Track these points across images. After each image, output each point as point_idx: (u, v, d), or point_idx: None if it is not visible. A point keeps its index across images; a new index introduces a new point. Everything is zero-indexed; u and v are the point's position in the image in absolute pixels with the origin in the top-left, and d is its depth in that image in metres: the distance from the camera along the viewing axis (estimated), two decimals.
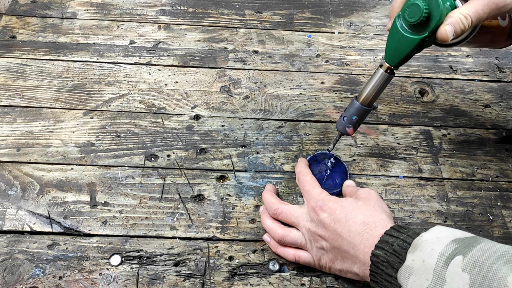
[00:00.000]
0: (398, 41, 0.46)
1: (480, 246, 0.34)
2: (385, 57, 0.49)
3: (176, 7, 0.82)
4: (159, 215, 0.53)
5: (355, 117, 0.53)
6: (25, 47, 0.72)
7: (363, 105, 0.52)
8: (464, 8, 0.42)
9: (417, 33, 0.44)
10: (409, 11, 0.43)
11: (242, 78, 0.70)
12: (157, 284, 0.48)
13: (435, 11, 0.42)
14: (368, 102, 0.52)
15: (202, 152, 0.60)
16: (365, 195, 0.48)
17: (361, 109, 0.52)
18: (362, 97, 0.52)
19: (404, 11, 0.44)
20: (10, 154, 0.58)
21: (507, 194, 0.57)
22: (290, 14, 0.82)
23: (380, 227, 0.42)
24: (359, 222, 0.43)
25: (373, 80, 0.51)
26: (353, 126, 0.53)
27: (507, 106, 0.68)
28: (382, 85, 0.51)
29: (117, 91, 0.67)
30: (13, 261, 0.48)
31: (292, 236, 0.48)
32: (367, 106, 0.52)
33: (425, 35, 0.44)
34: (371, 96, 0.51)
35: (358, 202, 0.46)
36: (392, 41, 0.47)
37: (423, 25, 0.43)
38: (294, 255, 0.48)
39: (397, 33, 0.46)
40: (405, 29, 0.45)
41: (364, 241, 0.42)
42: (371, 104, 0.52)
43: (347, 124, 0.53)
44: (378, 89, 0.51)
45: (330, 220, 0.45)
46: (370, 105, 0.52)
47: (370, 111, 0.53)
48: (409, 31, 0.45)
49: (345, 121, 0.53)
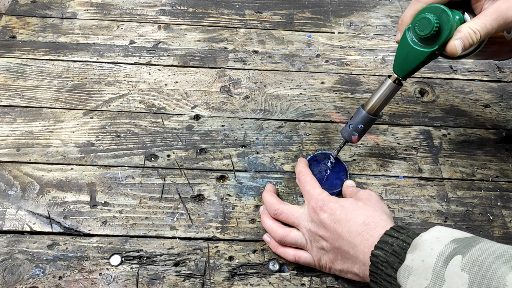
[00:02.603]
0: (408, 53, 0.46)
1: (480, 245, 0.35)
2: (394, 69, 0.49)
3: (176, 7, 0.82)
4: (159, 215, 0.53)
5: (360, 126, 0.53)
6: (25, 47, 0.72)
7: (369, 114, 0.52)
8: (473, 23, 0.43)
9: (426, 46, 0.45)
10: (419, 25, 0.44)
11: (242, 78, 0.70)
12: (157, 284, 0.48)
13: (445, 25, 0.43)
14: (375, 111, 0.52)
15: (202, 152, 0.60)
16: (365, 196, 0.48)
17: (367, 118, 0.53)
18: (369, 106, 0.52)
19: (414, 24, 0.44)
20: (10, 154, 0.58)
21: (507, 194, 0.57)
22: (290, 14, 0.82)
23: (380, 227, 0.42)
24: (359, 222, 0.43)
25: (380, 90, 0.51)
26: (359, 134, 0.54)
27: (507, 106, 0.68)
28: (389, 95, 0.51)
29: (117, 91, 0.67)
30: (13, 261, 0.48)
31: (293, 236, 0.48)
32: (373, 115, 0.52)
33: (434, 49, 0.44)
34: (378, 105, 0.52)
35: (358, 202, 0.46)
36: (402, 53, 0.47)
37: (433, 39, 0.44)
38: (294, 255, 0.48)
39: (406, 45, 0.46)
40: (415, 41, 0.45)
41: (364, 241, 0.42)
42: (378, 113, 0.53)
43: (352, 132, 0.54)
44: (385, 99, 0.51)
45: (330, 220, 0.45)
46: (376, 114, 0.53)
47: (376, 119, 0.53)
48: (419, 44, 0.45)
49: (351, 129, 0.54)
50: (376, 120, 0.53)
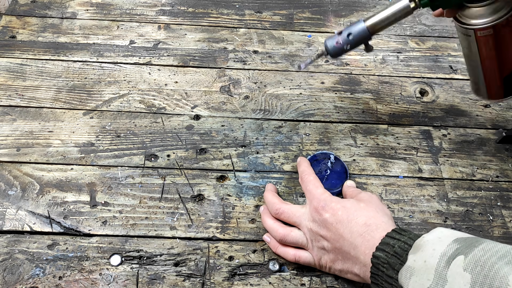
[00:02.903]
0: None
1: (482, 246, 0.34)
2: None
3: (176, 7, 0.82)
4: (159, 215, 0.53)
5: (351, 37, 0.49)
6: (25, 47, 0.72)
7: (368, 29, 0.48)
8: None
9: None
10: None
11: (242, 78, 0.70)
12: (157, 284, 0.48)
13: None
14: (376, 29, 0.48)
15: (202, 152, 0.60)
16: (367, 197, 0.48)
17: (364, 32, 0.48)
18: (372, 22, 0.48)
19: None
20: (10, 154, 0.58)
21: (507, 194, 0.57)
22: (290, 14, 0.82)
23: (381, 229, 0.42)
24: (361, 223, 0.43)
25: (392, 9, 0.47)
26: (344, 45, 0.49)
27: (507, 106, 0.68)
28: (398, 18, 0.48)
29: (117, 91, 0.67)
30: (13, 261, 0.48)
31: (294, 235, 0.48)
32: (371, 31, 0.48)
33: None
34: (382, 24, 0.48)
35: (360, 203, 0.46)
36: None
37: None
38: (294, 255, 0.48)
39: None
40: None
41: (365, 242, 0.42)
42: (375, 32, 0.49)
43: (338, 39, 0.49)
44: (392, 20, 0.48)
45: (332, 220, 0.45)
46: (373, 33, 0.49)
47: (368, 39, 0.49)
48: None
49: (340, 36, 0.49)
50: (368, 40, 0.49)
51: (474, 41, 0.50)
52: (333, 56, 0.52)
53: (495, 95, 0.56)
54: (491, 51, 0.51)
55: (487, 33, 0.49)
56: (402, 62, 0.74)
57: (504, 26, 0.48)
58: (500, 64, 0.52)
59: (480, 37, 0.49)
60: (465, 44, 0.52)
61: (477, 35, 0.49)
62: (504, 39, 0.50)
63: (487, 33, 0.49)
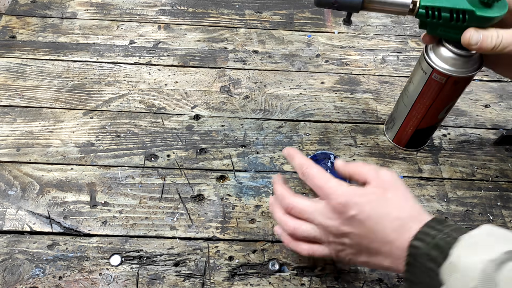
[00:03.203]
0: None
1: None
2: None
3: (176, 7, 0.82)
4: (159, 215, 0.53)
5: None
6: (25, 47, 0.72)
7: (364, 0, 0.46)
8: (504, 31, 0.43)
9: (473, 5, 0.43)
10: None
11: (242, 78, 0.70)
12: (157, 284, 0.48)
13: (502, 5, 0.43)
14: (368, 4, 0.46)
15: (202, 152, 0.60)
16: (390, 183, 0.43)
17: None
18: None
19: None
20: (10, 154, 0.58)
21: (507, 194, 0.57)
22: (290, 14, 0.82)
23: (417, 221, 0.39)
24: (393, 217, 0.40)
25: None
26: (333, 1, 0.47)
27: (507, 106, 0.68)
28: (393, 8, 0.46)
29: (117, 91, 0.67)
30: (13, 261, 0.48)
31: (304, 229, 0.44)
32: (363, 3, 0.46)
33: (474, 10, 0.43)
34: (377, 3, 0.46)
35: (386, 193, 0.42)
36: None
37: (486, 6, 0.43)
38: (308, 250, 0.45)
39: None
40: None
41: (400, 237, 0.39)
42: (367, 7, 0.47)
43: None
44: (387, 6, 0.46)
45: (360, 217, 0.41)
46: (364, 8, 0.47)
47: (356, 9, 0.47)
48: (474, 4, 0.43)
49: None
50: (356, 10, 0.47)
51: (426, 79, 0.51)
52: (317, 4, 0.48)
53: (399, 140, 0.60)
54: (429, 98, 0.52)
55: (440, 79, 0.49)
56: (402, 62, 0.74)
57: (454, 84, 0.49)
58: (425, 114, 0.54)
59: (432, 79, 0.50)
60: (416, 77, 0.52)
61: (431, 76, 0.50)
62: (444, 93, 0.51)
63: (440, 79, 0.49)
